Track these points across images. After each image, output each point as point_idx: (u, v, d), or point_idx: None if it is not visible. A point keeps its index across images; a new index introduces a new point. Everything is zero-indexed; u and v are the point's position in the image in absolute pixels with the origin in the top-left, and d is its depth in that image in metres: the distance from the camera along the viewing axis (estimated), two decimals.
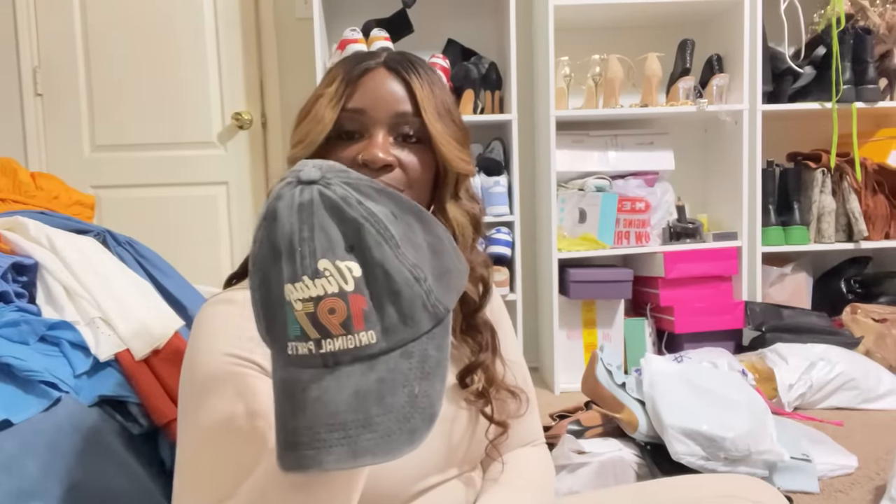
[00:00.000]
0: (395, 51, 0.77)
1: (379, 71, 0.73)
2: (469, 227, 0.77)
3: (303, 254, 0.46)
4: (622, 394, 1.49)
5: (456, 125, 0.75)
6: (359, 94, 0.72)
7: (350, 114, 0.71)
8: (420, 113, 0.72)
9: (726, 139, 2.33)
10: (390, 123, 0.72)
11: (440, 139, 0.72)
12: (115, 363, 1.11)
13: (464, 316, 0.79)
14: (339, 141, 0.72)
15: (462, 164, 0.75)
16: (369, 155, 0.70)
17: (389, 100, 0.72)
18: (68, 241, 1.21)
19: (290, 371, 0.48)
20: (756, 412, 1.38)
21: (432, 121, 0.72)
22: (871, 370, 1.89)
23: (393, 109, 0.72)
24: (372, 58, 0.75)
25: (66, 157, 2.46)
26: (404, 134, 0.73)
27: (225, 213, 2.50)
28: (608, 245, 2.17)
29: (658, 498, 0.81)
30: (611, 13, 2.31)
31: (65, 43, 2.44)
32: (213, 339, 0.68)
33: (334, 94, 0.71)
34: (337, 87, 0.72)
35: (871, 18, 2.31)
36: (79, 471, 0.93)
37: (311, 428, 0.45)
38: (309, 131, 0.71)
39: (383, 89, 0.72)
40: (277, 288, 0.47)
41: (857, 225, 2.24)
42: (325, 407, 0.46)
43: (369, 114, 0.72)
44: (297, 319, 0.46)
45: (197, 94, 2.47)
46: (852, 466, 1.43)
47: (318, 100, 0.72)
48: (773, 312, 2.17)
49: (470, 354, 0.79)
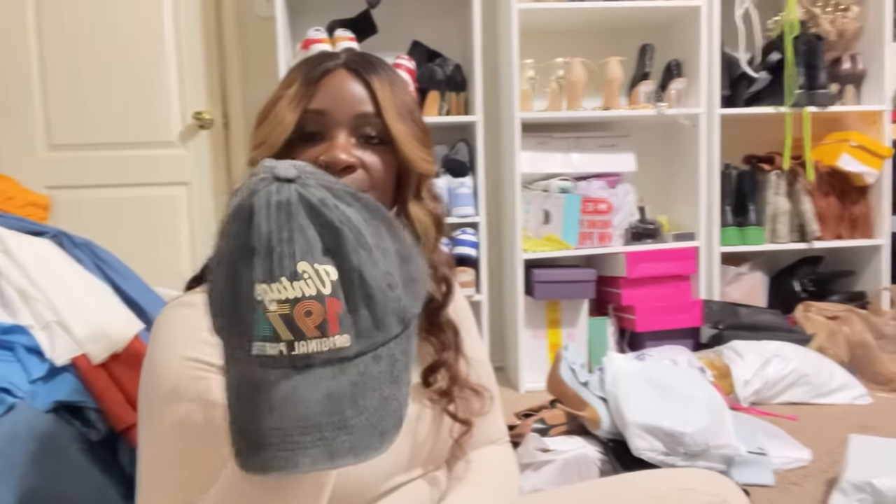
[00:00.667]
0: (356, 51, 0.77)
1: (339, 72, 0.73)
2: (432, 226, 0.76)
3: (281, 254, 0.46)
4: (585, 392, 1.51)
5: (417, 125, 0.75)
6: (319, 96, 0.71)
7: (311, 115, 0.71)
8: (381, 114, 0.71)
9: (685, 142, 2.38)
10: (352, 125, 0.72)
11: (402, 139, 0.72)
12: (72, 368, 1.08)
13: (427, 315, 0.79)
14: (301, 143, 0.71)
15: (424, 164, 0.75)
16: (331, 157, 0.69)
17: (350, 101, 0.71)
18: (23, 242, 1.18)
19: (252, 370, 0.47)
20: (714, 408, 1.41)
21: (393, 121, 0.72)
22: (823, 366, 1.95)
23: (354, 111, 0.71)
24: (332, 59, 0.74)
25: (19, 157, 2.39)
26: (366, 135, 0.72)
27: (186, 214, 2.45)
28: (572, 245, 2.20)
29: (620, 493, 0.83)
30: (574, 17, 2.34)
31: (18, 39, 2.37)
32: (173, 344, 0.67)
33: (294, 96, 0.71)
34: (297, 88, 0.71)
35: (823, 25, 2.39)
36: (35, 478, 0.91)
37: (282, 429, 0.45)
38: (269, 133, 0.70)
39: (344, 90, 0.72)
40: (248, 286, 0.47)
41: (809, 225, 2.31)
42: (296, 408, 0.45)
43: (330, 115, 0.71)
44: (268, 320, 0.46)
45: (157, 92, 2.42)
46: (806, 459, 1.47)
47: (279, 101, 0.71)
48: (729, 311, 2.22)
49: (433, 353, 0.79)
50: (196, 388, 0.65)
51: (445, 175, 2.26)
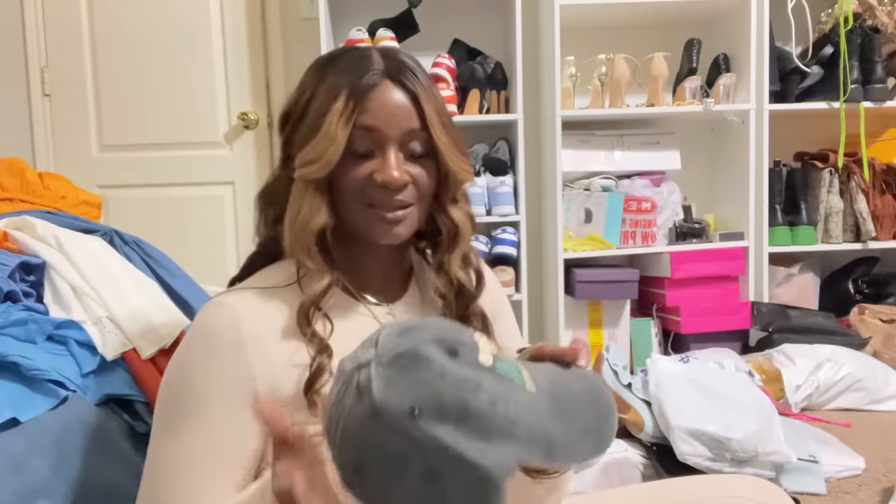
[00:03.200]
0: (390, 54, 0.75)
1: (386, 85, 0.72)
2: (470, 225, 0.79)
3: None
4: (628, 394, 1.49)
5: (455, 131, 0.76)
6: (369, 111, 0.71)
7: (361, 131, 0.71)
8: (428, 128, 0.73)
9: (733, 139, 2.32)
10: (401, 140, 0.73)
11: (447, 153, 0.74)
12: (122, 362, 1.11)
13: (458, 306, 0.80)
14: (351, 158, 0.72)
15: (465, 174, 0.77)
16: (388, 176, 0.71)
17: (400, 117, 0.72)
18: (75, 240, 1.22)
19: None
20: (763, 413, 1.37)
21: (439, 135, 0.73)
22: (878, 371, 1.88)
23: (404, 127, 0.72)
24: (371, 65, 0.73)
25: (73, 157, 2.47)
26: (413, 148, 0.74)
27: (231, 213, 2.51)
28: (614, 245, 2.17)
29: (663, 498, 0.81)
30: (617, 13, 2.30)
31: (72, 43, 2.45)
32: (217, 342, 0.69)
33: (343, 110, 0.70)
34: (345, 102, 0.71)
35: (879, 17, 2.30)
36: (85, 469, 0.94)
37: None
38: (324, 151, 0.70)
39: (393, 106, 0.72)
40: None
41: (864, 225, 2.23)
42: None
43: (381, 131, 0.72)
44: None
45: (203, 94, 2.48)
46: (859, 468, 1.42)
47: (325, 115, 0.71)
48: (779, 313, 2.16)
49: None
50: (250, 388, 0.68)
51: (486, 174, 2.25)
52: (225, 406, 0.68)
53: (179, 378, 0.70)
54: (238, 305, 0.71)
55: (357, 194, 0.73)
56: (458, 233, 0.77)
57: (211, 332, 0.70)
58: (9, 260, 1.11)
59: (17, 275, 1.11)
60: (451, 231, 0.77)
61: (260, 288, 0.74)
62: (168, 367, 0.72)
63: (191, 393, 0.68)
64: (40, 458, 0.89)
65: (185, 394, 0.69)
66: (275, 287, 0.74)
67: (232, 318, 0.70)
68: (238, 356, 0.68)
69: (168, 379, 0.71)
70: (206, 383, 0.68)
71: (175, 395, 0.70)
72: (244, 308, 0.71)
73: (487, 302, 0.85)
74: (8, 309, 1.04)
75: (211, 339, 0.69)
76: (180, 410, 0.68)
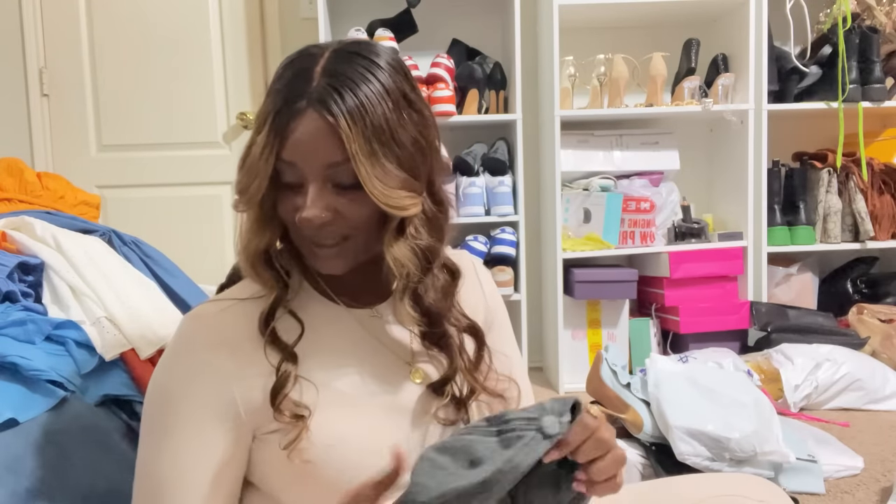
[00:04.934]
0: (333, 61, 0.68)
1: (307, 115, 0.65)
2: (414, 262, 0.70)
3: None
4: (627, 394, 1.49)
5: (400, 150, 0.67)
6: (289, 145, 0.66)
7: (284, 164, 0.68)
8: (352, 162, 0.65)
9: (732, 139, 2.32)
10: (323, 175, 0.67)
11: (374, 188, 0.66)
12: (121, 362, 1.11)
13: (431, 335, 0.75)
14: (282, 188, 0.70)
15: (403, 210, 0.68)
16: (304, 216, 0.67)
17: (319, 151, 0.66)
18: (74, 240, 1.22)
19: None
20: (762, 413, 1.37)
21: (366, 169, 0.65)
22: (877, 371, 1.88)
23: (323, 161, 0.66)
24: (304, 84, 0.66)
25: (71, 158, 2.47)
26: (339, 183, 0.68)
27: (230, 213, 2.51)
28: (613, 245, 2.17)
29: (661, 497, 0.81)
30: (615, 13, 2.30)
31: (71, 43, 2.45)
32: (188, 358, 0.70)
33: (266, 143, 0.66)
34: (267, 134, 0.66)
35: (878, 17, 2.30)
36: (84, 470, 0.94)
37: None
38: (248, 185, 0.69)
39: (311, 139, 0.65)
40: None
41: (863, 225, 2.23)
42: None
43: (300, 166, 0.67)
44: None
45: (202, 94, 2.48)
46: (858, 467, 1.42)
47: (252, 146, 0.68)
48: (778, 313, 2.16)
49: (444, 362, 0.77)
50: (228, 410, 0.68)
51: (485, 174, 2.25)
52: (202, 422, 0.68)
53: (159, 388, 0.71)
54: (216, 316, 0.72)
55: (291, 225, 0.72)
56: (398, 272, 0.70)
57: (189, 342, 0.71)
58: (7, 260, 1.11)
59: (16, 275, 1.11)
60: (391, 269, 0.70)
61: (239, 299, 0.74)
62: (152, 376, 0.73)
63: (170, 404, 0.69)
64: (39, 459, 0.88)
65: (165, 404, 0.69)
66: (253, 297, 0.74)
67: (209, 329, 0.71)
68: (216, 366, 0.69)
69: (150, 389, 0.72)
70: (184, 394, 0.69)
71: (156, 407, 0.70)
72: (223, 318, 0.72)
73: (481, 313, 0.84)
74: (7, 309, 1.04)
75: (190, 349, 0.70)
76: (159, 423, 0.69)
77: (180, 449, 0.68)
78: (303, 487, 0.70)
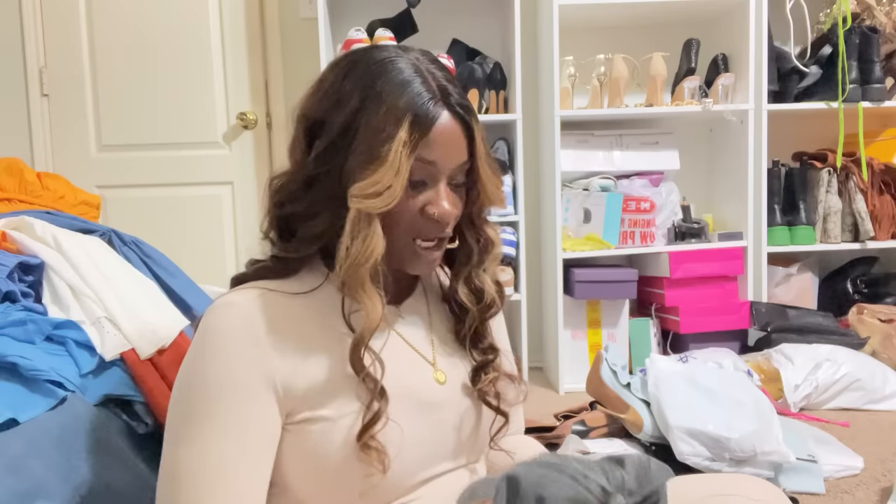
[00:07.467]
0: (429, 62, 0.73)
1: (446, 117, 0.70)
2: (498, 241, 0.81)
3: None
4: (627, 394, 1.49)
5: (492, 158, 0.77)
6: (432, 145, 0.70)
7: (421, 164, 0.70)
8: (474, 160, 0.74)
9: (732, 139, 2.32)
10: (452, 174, 0.73)
11: (488, 182, 0.75)
12: (121, 362, 1.11)
13: (480, 317, 0.81)
14: (405, 188, 0.70)
15: (500, 201, 0.79)
16: (441, 210, 0.71)
17: (457, 150, 0.72)
18: (74, 240, 1.22)
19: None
20: (761, 413, 1.37)
21: (485, 167, 0.75)
22: (877, 371, 1.88)
23: (457, 160, 0.73)
24: (425, 86, 0.70)
25: (72, 158, 2.47)
26: (458, 181, 0.75)
27: (230, 213, 2.50)
28: (613, 245, 2.17)
29: None
30: (615, 12, 2.30)
31: (71, 43, 2.45)
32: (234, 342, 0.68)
33: (408, 141, 0.68)
34: (409, 132, 0.68)
35: (878, 17, 2.30)
36: (84, 470, 0.94)
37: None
38: (389, 184, 0.67)
39: (452, 139, 0.71)
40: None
41: (863, 225, 2.23)
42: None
43: (438, 165, 0.71)
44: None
45: (202, 94, 2.48)
46: (858, 467, 1.42)
47: (388, 144, 0.67)
48: (778, 313, 2.16)
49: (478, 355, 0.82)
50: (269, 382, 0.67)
51: None
52: (248, 402, 0.66)
53: (196, 382, 0.68)
54: (249, 303, 0.70)
55: (406, 226, 0.72)
56: (490, 249, 0.79)
57: (224, 330, 0.68)
58: (7, 260, 1.11)
59: (16, 275, 1.11)
60: (484, 246, 0.79)
61: (269, 290, 0.72)
62: (179, 374, 0.70)
63: (211, 395, 0.66)
64: (39, 459, 0.88)
65: (204, 397, 0.67)
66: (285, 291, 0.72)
67: (244, 315, 0.68)
68: (256, 352, 0.67)
69: (181, 385, 0.69)
70: (226, 382, 0.66)
71: (195, 399, 0.67)
72: (256, 306, 0.70)
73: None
74: (6, 309, 1.04)
75: (226, 337, 0.67)
76: (202, 415, 0.66)
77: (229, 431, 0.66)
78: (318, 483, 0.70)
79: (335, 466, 0.68)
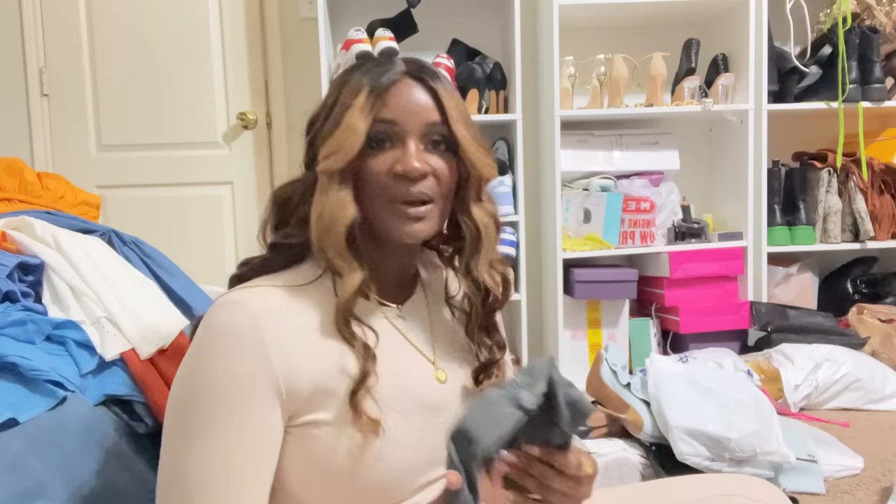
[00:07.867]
0: (407, 58, 0.78)
1: (405, 81, 0.74)
2: (493, 226, 0.79)
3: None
4: (627, 394, 1.49)
5: (476, 129, 0.77)
6: (390, 105, 0.73)
7: (381, 124, 0.72)
8: (448, 121, 0.74)
9: (732, 139, 2.32)
10: (421, 133, 0.74)
11: (468, 145, 0.75)
12: (121, 363, 1.11)
13: (484, 312, 0.81)
14: (370, 150, 0.73)
15: (488, 168, 0.77)
16: (407, 165, 0.71)
17: (420, 110, 0.73)
18: (74, 240, 1.22)
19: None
20: (761, 413, 1.37)
21: (460, 128, 0.74)
22: (877, 371, 1.88)
23: (424, 119, 0.74)
24: (390, 66, 0.75)
25: (71, 158, 2.47)
26: (434, 142, 0.75)
27: (230, 213, 2.50)
28: (613, 245, 2.17)
29: (661, 497, 0.81)
30: (615, 13, 2.30)
31: (71, 43, 2.45)
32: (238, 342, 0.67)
33: (364, 104, 0.72)
34: (366, 98, 0.72)
35: (878, 17, 2.30)
36: (84, 470, 0.94)
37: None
38: (343, 142, 0.71)
39: (413, 100, 0.74)
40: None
41: (863, 225, 2.23)
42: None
43: (401, 124, 0.73)
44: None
45: (202, 94, 2.48)
46: (858, 467, 1.42)
47: (348, 110, 0.72)
48: (778, 313, 2.16)
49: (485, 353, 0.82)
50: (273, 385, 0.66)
51: None
52: (252, 404, 0.65)
53: (197, 383, 0.67)
54: (253, 301, 0.69)
55: (379, 187, 0.73)
56: (479, 235, 0.78)
57: (228, 330, 0.67)
58: (7, 260, 1.11)
59: (16, 275, 1.11)
60: (473, 233, 0.78)
61: (272, 285, 0.72)
62: (179, 374, 0.69)
63: (214, 396, 0.65)
64: (39, 459, 0.88)
65: (208, 398, 0.65)
66: (288, 286, 0.72)
67: (248, 314, 0.67)
68: (260, 352, 0.66)
69: (182, 386, 0.68)
70: (230, 383, 0.65)
71: (197, 400, 0.66)
72: (260, 304, 0.69)
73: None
74: (6, 309, 1.04)
75: (229, 336, 0.66)
76: (204, 416, 0.65)
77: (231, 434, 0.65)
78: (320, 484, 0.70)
79: (338, 471, 0.68)
